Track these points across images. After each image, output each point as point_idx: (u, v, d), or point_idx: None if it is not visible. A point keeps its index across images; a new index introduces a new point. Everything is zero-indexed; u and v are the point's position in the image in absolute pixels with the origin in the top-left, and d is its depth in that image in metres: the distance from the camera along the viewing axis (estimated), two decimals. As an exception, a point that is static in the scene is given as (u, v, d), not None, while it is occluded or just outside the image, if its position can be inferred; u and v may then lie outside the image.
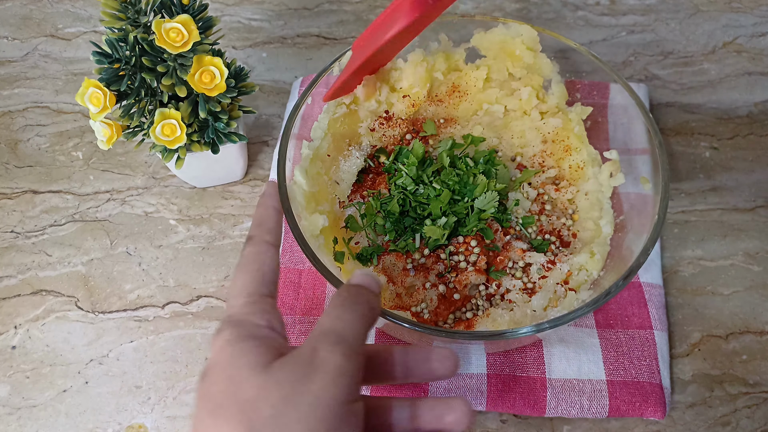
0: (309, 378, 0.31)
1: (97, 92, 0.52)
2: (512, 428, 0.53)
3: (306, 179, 0.50)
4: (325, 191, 0.55)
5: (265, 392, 0.30)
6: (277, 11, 0.84)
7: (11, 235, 0.65)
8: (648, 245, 0.46)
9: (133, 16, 0.53)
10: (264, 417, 0.30)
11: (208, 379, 0.32)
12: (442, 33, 0.59)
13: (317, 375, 0.31)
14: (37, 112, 0.75)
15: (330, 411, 0.30)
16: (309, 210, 0.49)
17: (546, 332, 0.44)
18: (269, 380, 0.31)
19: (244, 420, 0.30)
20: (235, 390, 0.31)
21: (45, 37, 0.82)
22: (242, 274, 0.37)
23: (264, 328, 0.34)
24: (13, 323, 0.59)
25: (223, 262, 0.62)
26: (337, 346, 0.32)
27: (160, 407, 0.54)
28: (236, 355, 0.32)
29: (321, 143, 0.55)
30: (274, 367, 0.32)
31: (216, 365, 0.32)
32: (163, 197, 0.67)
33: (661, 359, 0.53)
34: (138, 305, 0.60)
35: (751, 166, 0.68)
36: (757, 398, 0.54)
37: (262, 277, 0.36)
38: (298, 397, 0.30)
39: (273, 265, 0.38)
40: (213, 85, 0.54)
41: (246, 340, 0.33)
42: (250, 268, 0.37)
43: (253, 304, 0.35)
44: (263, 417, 0.30)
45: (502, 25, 0.58)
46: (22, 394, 0.55)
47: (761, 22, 0.80)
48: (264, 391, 0.30)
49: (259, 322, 0.34)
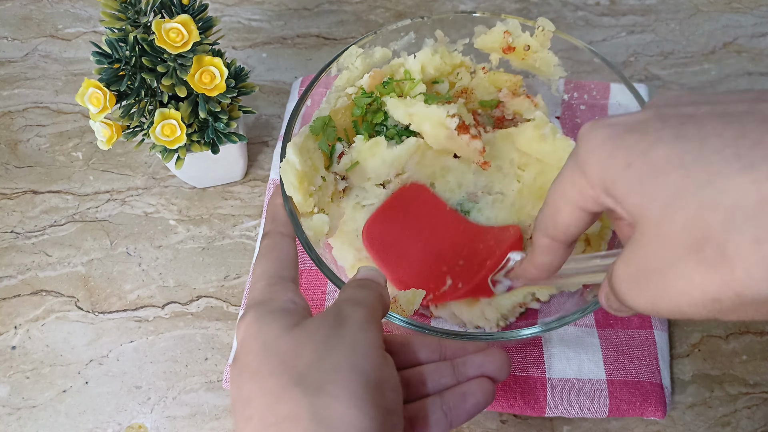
0: (341, 326, 0.32)
1: (97, 92, 0.52)
2: (512, 428, 0.53)
3: (299, 157, 0.48)
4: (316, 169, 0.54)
5: (303, 343, 0.31)
6: (277, 11, 0.84)
7: (11, 236, 0.65)
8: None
9: (133, 16, 0.53)
10: (308, 361, 0.30)
11: (240, 357, 0.32)
12: (439, 30, 0.59)
13: (348, 324, 0.32)
14: (37, 112, 0.75)
15: (369, 349, 0.31)
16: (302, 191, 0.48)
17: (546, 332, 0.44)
18: (303, 332, 0.32)
19: (287, 369, 0.30)
20: (271, 348, 0.31)
21: (45, 38, 0.82)
22: (261, 262, 0.38)
23: (286, 302, 0.34)
24: (13, 323, 0.59)
25: (223, 262, 0.62)
26: (357, 305, 0.34)
27: (160, 407, 0.54)
28: (264, 326, 0.33)
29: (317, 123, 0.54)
30: (304, 323, 0.33)
31: (245, 341, 0.33)
32: (163, 197, 0.67)
33: (662, 359, 0.53)
34: (138, 305, 0.60)
35: (751, 166, 0.67)
36: (757, 398, 0.54)
37: (281, 263, 0.37)
38: (336, 340, 0.31)
39: (291, 253, 0.39)
40: (213, 85, 0.54)
41: (271, 313, 0.33)
42: (268, 257, 0.38)
43: (273, 286, 0.36)
44: (307, 362, 0.30)
45: (500, 22, 0.58)
46: (22, 394, 0.55)
47: (761, 22, 0.80)
48: (302, 342, 0.31)
49: (280, 298, 0.35)
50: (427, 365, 0.37)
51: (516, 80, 0.60)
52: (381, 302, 0.36)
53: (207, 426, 0.53)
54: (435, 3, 0.84)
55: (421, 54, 0.59)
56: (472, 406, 0.36)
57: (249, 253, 0.63)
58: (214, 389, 0.55)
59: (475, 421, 0.53)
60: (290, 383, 0.29)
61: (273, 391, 0.29)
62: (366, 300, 0.34)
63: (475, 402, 0.36)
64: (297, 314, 0.33)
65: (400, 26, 0.58)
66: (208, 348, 0.57)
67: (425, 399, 0.36)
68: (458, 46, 0.60)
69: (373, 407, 0.29)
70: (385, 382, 0.31)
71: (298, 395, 0.29)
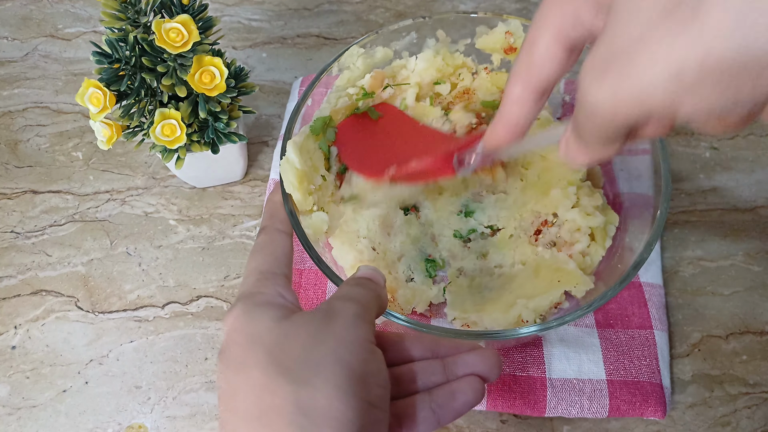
0: (330, 321, 0.32)
1: (97, 92, 0.52)
2: (512, 428, 0.53)
3: (298, 156, 0.48)
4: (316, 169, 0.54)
5: (290, 336, 0.31)
6: (277, 11, 0.84)
7: (11, 235, 0.65)
8: (647, 247, 0.46)
9: (133, 16, 0.53)
10: (294, 355, 0.30)
11: (226, 350, 0.32)
12: (440, 30, 0.59)
13: (337, 319, 0.32)
14: (37, 112, 0.75)
15: (357, 345, 0.31)
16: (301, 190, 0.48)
17: (546, 331, 0.44)
18: (292, 326, 0.32)
19: (273, 361, 0.30)
20: (258, 340, 0.31)
21: (45, 37, 0.82)
22: (254, 257, 0.38)
23: (274, 295, 0.35)
24: (13, 323, 0.59)
25: (223, 262, 0.62)
26: (350, 301, 0.34)
27: (160, 407, 0.54)
28: (252, 319, 0.33)
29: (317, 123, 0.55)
30: (293, 317, 0.33)
31: (231, 333, 0.33)
32: (163, 197, 0.67)
33: (662, 359, 0.53)
34: (138, 305, 0.60)
35: (751, 166, 0.68)
36: (757, 398, 0.54)
37: (274, 259, 0.37)
38: (323, 335, 0.31)
39: (286, 249, 0.39)
40: (213, 85, 0.54)
41: (259, 306, 0.33)
42: (263, 252, 0.38)
43: (264, 280, 0.36)
44: (293, 355, 0.30)
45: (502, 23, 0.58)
46: (22, 394, 0.55)
47: (761, 22, 0.80)
48: (289, 335, 0.31)
49: (269, 292, 0.35)
50: (418, 363, 0.37)
51: None
52: (377, 300, 0.36)
53: (207, 426, 0.53)
54: (435, 3, 0.84)
55: (423, 56, 0.59)
56: (461, 405, 0.36)
57: (249, 253, 0.63)
58: (214, 389, 0.55)
59: (475, 421, 0.53)
60: (275, 375, 0.29)
61: (258, 383, 0.30)
62: (359, 297, 0.34)
63: (465, 400, 0.36)
64: (285, 308, 0.33)
65: (401, 26, 0.58)
66: (208, 348, 0.57)
67: (414, 396, 0.36)
68: (460, 46, 0.60)
69: (357, 400, 0.29)
70: (372, 376, 0.31)
71: (283, 386, 0.29)
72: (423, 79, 0.59)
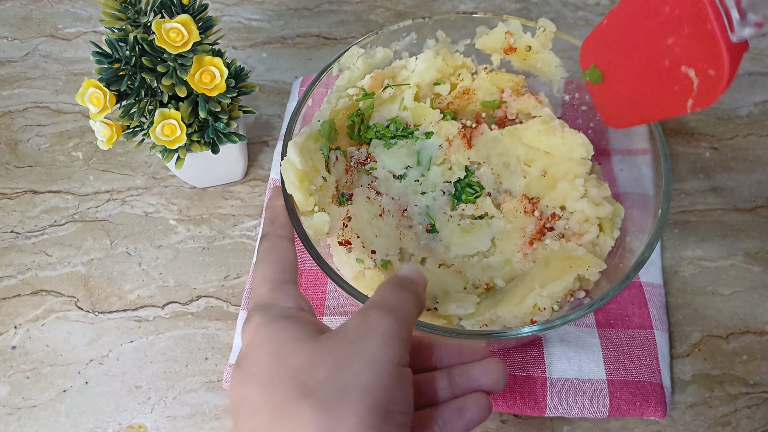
0: (362, 341, 0.31)
1: (97, 92, 0.52)
2: (512, 428, 0.53)
3: (299, 156, 0.48)
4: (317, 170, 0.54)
5: (316, 358, 0.31)
6: (277, 11, 0.84)
7: (11, 235, 0.65)
8: (648, 248, 0.46)
9: (133, 16, 0.53)
10: (319, 380, 0.30)
11: (245, 363, 0.32)
12: (440, 30, 0.59)
13: (371, 337, 0.31)
14: (37, 112, 0.75)
15: (385, 370, 0.30)
16: (302, 190, 0.48)
17: (546, 331, 0.44)
18: (319, 348, 0.31)
19: (297, 385, 0.30)
20: (282, 361, 0.31)
21: (45, 37, 0.82)
22: (262, 266, 0.38)
23: (293, 309, 0.34)
24: (13, 323, 0.59)
25: (223, 262, 0.62)
26: (388, 312, 0.33)
27: (160, 407, 0.54)
28: (274, 334, 0.32)
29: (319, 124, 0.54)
30: (322, 338, 0.32)
31: (252, 348, 0.32)
32: (163, 197, 0.67)
33: (662, 359, 0.53)
34: (138, 305, 0.60)
35: (751, 166, 0.68)
36: (757, 398, 0.54)
37: (281, 267, 0.38)
38: (352, 358, 0.30)
39: (290, 256, 0.39)
40: (213, 85, 0.54)
41: (280, 320, 0.33)
42: (269, 260, 0.38)
43: (277, 290, 0.36)
44: (318, 380, 0.30)
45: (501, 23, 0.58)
46: (22, 394, 0.55)
47: (761, 22, 0.80)
48: (315, 357, 0.31)
49: (287, 305, 0.35)
50: (423, 375, 0.37)
51: (518, 81, 0.60)
52: (417, 305, 0.35)
53: (207, 426, 0.53)
54: (435, 3, 0.84)
55: (423, 56, 0.59)
56: (467, 422, 0.36)
57: (249, 253, 0.63)
58: (214, 389, 0.55)
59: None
60: (298, 398, 0.29)
61: (281, 405, 0.29)
62: (399, 306, 0.34)
63: (471, 418, 0.36)
64: (309, 324, 0.33)
65: (401, 26, 0.58)
66: (208, 348, 0.57)
67: (421, 412, 0.36)
68: (459, 46, 0.60)
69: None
70: (396, 405, 0.31)
71: (306, 412, 0.29)
72: (423, 79, 0.59)
